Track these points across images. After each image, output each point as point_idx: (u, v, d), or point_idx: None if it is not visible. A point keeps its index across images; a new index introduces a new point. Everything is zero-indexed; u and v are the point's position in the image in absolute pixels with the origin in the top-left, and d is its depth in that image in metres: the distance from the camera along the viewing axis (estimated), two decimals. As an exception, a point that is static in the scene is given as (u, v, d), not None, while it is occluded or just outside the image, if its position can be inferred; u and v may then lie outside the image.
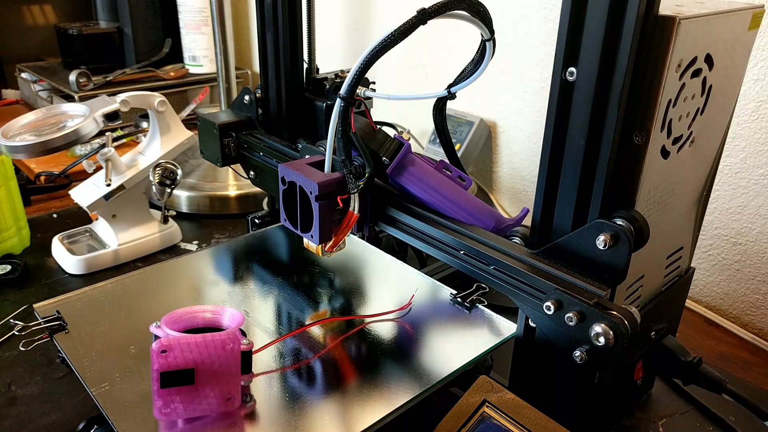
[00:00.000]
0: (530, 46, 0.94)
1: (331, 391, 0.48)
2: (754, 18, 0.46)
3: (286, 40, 0.69)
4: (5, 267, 0.78)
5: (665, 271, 0.52)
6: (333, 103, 0.58)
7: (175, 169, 0.82)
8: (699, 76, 0.44)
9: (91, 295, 0.59)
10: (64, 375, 0.61)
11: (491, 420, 0.45)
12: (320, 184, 0.50)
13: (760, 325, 0.77)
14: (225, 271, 0.65)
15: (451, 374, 0.50)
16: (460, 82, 0.52)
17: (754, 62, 0.71)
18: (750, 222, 0.75)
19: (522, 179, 1.03)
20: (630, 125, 0.42)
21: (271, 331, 0.55)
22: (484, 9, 0.47)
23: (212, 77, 1.42)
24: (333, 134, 0.51)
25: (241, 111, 0.75)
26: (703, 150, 0.49)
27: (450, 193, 0.53)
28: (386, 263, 0.68)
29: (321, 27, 0.83)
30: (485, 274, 0.49)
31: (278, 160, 0.67)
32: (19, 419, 0.56)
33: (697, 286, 0.82)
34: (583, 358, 0.43)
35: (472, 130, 1.01)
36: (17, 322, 0.57)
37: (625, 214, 0.43)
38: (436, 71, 1.10)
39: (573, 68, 0.41)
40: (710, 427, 0.57)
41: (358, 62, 0.48)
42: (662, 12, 0.39)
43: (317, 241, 0.53)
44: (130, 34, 1.40)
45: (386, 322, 0.57)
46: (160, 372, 0.42)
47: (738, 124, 0.73)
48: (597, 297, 0.42)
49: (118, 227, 0.82)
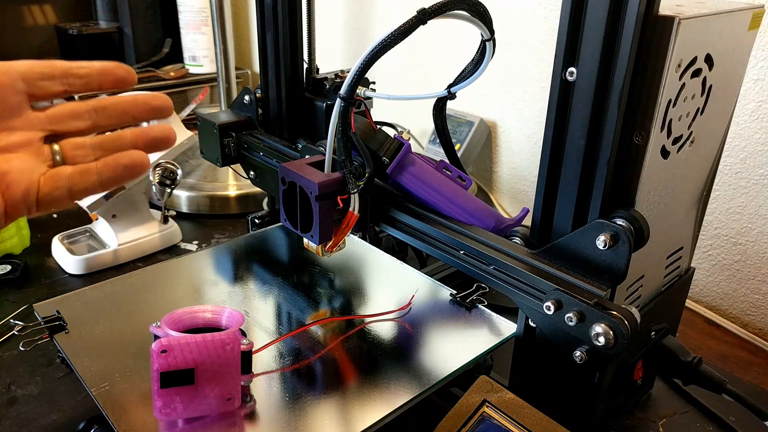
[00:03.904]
0: (530, 46, 0.94)
1: (331, 391, 0.48)
2: (754, 18, 0.46)
3: (286, 40, 0.69)
4: (5, 267, 0.78)
5: (665, 271, 0.52)
6: (333, 103, 0.58)
7: (175, 169, 0.82)
8: (699, 76, 0.44)
9: (91, 295, 0.59)
10: (64, 375, 0.61)
11: (491, 420, 0.45)
12: (320, 184, 0.50)
13: (760, 325, 0.77)
14: (225, 271, 0.65)
15: (451, 374, 0.50)
16: (460, 82, 0.52)
17: (754, 62, 0.71)
18: (750, 222, 0.75)
19: (522, 179, 1.03)
20: (630, 125, 0.42)
21: (271, 331, 0.55)
22: (484, 9, 0.47)
23: (212, 77, 1.42)
24: (333, 134, 0.51)
25: (241, 111, 0.75)
26: (703, 150, 0.49)
27: (450, 193, 0.53)
28: (386, 263, 0.68)
29: (321, 27, 0.83)
30: (485, 274, 0.49)
31: (278, 160, 0.67)
32: (19, 419, 0.56)
33: (697, 286, 0.82)
34: (583, 358, 0.43)
35: (472, 130, 1.01)
36: (17, 322, 0.57)
37: (625, 214, 0.43)
38: (436, 71, 1.10)
39: (573, 68, 0.41)
40: (710, 427, 0.57)
41: (358, 62, 0.48)
42: (662, 12, 0.39)
43: (317, 242, 0.53)
44: (130, 34, 1.40)
45: (386, 322, 0.57)
46: (160, 372, 0.42)
47: (738, 124, 0.73)
48: (597, 297, 0.42)
49: (118, 227, 0.82)
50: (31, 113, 0.42)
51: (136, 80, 0.46)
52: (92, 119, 0.44)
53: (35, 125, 0.42)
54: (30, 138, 0.42)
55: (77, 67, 0.43)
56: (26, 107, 0.42)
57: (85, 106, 0.44)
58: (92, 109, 0.44)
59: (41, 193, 0.41)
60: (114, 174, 0.43)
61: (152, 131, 0.45)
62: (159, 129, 0.46)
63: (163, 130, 0.46)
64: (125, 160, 0.43)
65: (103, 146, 0.44)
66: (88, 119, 0.44)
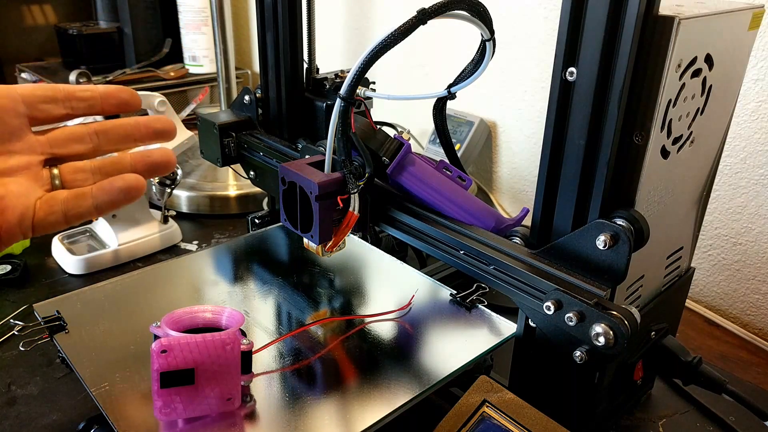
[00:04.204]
0: (530, 46, 0.94)
1: (331, 391, 0.48)
2: (754, 18, 0.46)
3: (286, 40, 0.69)
4: (5, 267, 0.78)
5: (665, 271, 0.52)
6: (333, 103, 0.57)
7: (175, 169, 0.82)
8: (699, 76, 0.44)
9: (91, 295, 0.59)
10: (64, 375, 0.61)
11: (491, 420, 0.45)
12: (320, 184, 0.50)
13: (760, 325, 0.77)
14: (225, 271, 0.65)
15: (451, 374, 0.50)
16: (460, 82, 0.52)
17: (754, 62, 0.71)
18: (750, 222, 0.75)
19: (522, 179, 1.03)
20: (630, 125, 0.42)
21: (271, 331, 0.55)
22: (484, 9, 0.47)
23: (212, 77, 1.42)
24: (333, 134, 0.51)
25: (241, 111, 0.75)
26: (703, 150, 0.49)
27: (450, 193, 0.53)
28: (386, 263, 0.68)
29: (321, 27, 0.83)
30: (485, 274, 0.49)
31: (278, 160, 0.67)
32: (19, 419, 0.56)
33: (697, 286, 0.82)
34: (583, 358, 0.43)
35: (472, 130, 1.01)
36: (17, 322, 0.57)
37: (625, 213, 0.43)
38: (436, 71, 1.10)
39: (573, 68, 0.41)
40: (710, 427, 0.57)
41: (358, 62, 0.48)
42: (662, 12, 0.39)
43: (317, 241, 0.53)
44: (130, 34, 1.40)
45: (386, 322, 0.57)
46: (160, 372, 0.42)
47: (738, 124, 0.73)
48: (597, 297, 0.42)
49: (118, 227, 0.82)
50: (31, 137, 0.42)
51: (140, 104, 0.45)
52: (94, 142, 0.44)
53: (35, 149, 0.42)
54: (29, 162, 0.41)
55: (80, 90, 0.43)
56: (27, 131, 0.42)
57: (86, 129, 0.44)
58: (94, 132, 0.44)
59: (36, 218, 0.41)
60: (109, 198, 0.42)
61: (152, 155, 0.45)
62: (159, 153, 0.45)
63: (163, 154, 0.45)
64: (120, 184, 0.43)
65: (103, 170, 0.44)
66: (89, 142, 0.44)
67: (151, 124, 0.45)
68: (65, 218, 0.42)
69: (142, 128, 0.45)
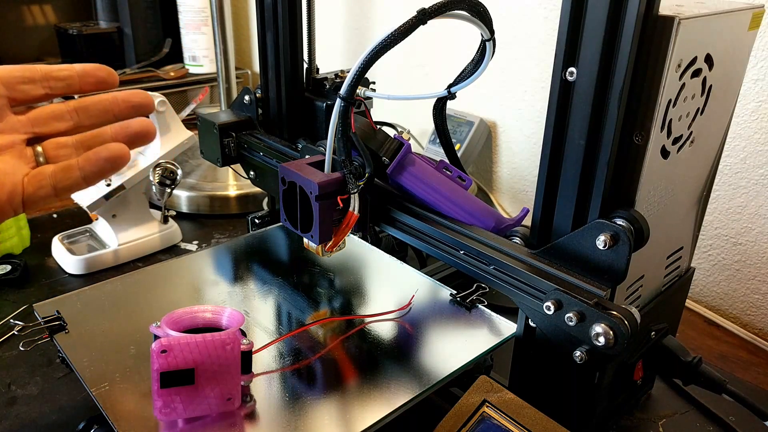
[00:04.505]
0: (530, 46, 0.94)
1: (331, 391, 0.48)
2: (754, 18, 0.46)
3: (286, 40, 0.69)
4: (5, 267, 0.78)
5: (665, 271, 0.52)
6: (333, 103, 0.58)
7: (175, 169, 0.82)
8: (699, 76, 0.44)
9: (91, 295, 0.59)
10: (64, 375, 0.61)
11: (491, 420, 0.45)
12: (320, 184, 0.50)
13: (760, 325, 0.77)
14: (225, 271, 0.65)
15: (451, 374, 0.50)
16: (460, 82, 0.52)
17: (754, 62, 0.71)
18: (750, 222, 0.75)
19: (522, 179, 1.03)
20: (630, 125, 0.42)
21: (271, 331, 0.55)
22: (484, 9, 0.47)
23: (212, 77, 1.42)
24: (333, 134, 0.51)
25: (241, 111, 0.75)
26: (703, 150, 0.49)
27: (450, 193, 0.53)
28: (386, 263, 0.68)
29: (321, 27, 0.83)
30: (485, 274, 0.49)
31: (278, 160, 0.67)
32: (19, 419, 0.56)
33: (697, 286, 0.82)
34: (583, 358, 0.43)
35: (472, 130, 1.01)
36: (17, 322, 0.57)
37: (625, 214, 0.43)
38: (436, 71, 1.10)
39: (573, 68, 0.41)
40: (710, 427, 0.57)
41: (358, 62, 0.48)
42: (662, 12, 0.39)
43: (317, 242, 0.53)
44: (130, 34, 1.40)
45: (386, 322, 0.57)
46: (160, 372, 0.42)
47: (738, 124, 0.73)
48: (597, 297, 0.42)
49: (118, 227, 0.82)
50: (12, 117, 0.43)
51: (117, 81, 0.46)
52: (74, 119, 0.45)
53: (17, 128, 0.43)
54: (12, 141, 0.42)
55: (57, 69, 0.44)
56: (7, 111, 0.42)
57: (66, 107, 0.45)
58: (73, 109, 0.45)
59: (26, 194, 0.42)
60: (95, 168, 0.43)
61: (132, 126, 0.46)
62: (138, 123, 0.46)
63: (142, 124, 0.46)
64: (105, 153, 0.44)
65: (85, 144, 0.45)
66: (69, 120, 0.45)
67: (129, 98, 0.46)
68: (55, 191, 0.43)
69: (121, 103, 0.46)
